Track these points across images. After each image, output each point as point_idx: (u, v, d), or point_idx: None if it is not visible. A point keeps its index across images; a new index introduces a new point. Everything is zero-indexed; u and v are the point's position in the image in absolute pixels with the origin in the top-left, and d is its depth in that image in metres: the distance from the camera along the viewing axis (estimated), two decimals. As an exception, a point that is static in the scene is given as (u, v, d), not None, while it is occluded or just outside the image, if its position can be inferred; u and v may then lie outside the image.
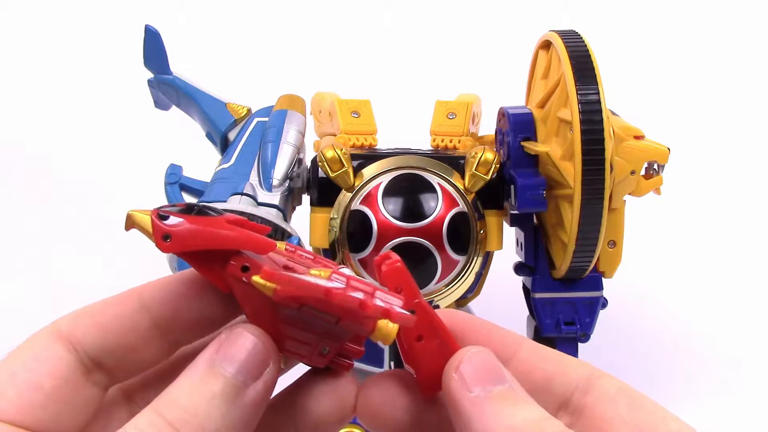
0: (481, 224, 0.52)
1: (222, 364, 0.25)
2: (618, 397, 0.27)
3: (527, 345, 0.29)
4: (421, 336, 0.28)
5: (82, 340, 0.26)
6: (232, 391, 0.25)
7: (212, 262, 0.26)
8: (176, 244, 0.26)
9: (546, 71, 0.55)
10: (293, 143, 0.56)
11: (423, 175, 0.52)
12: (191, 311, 0.28)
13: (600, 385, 0.27)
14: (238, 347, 0.26)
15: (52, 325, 0.27)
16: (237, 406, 0.25)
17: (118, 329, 0.27)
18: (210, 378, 0.25)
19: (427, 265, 0.50)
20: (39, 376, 0.25)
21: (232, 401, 0.25)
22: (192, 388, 0.25)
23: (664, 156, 0.52)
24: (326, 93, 0.62)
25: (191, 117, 0.64)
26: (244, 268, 0.26)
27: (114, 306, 0.27)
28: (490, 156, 0.51)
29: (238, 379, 0.25)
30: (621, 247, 0.54)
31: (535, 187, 0.51)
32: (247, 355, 0.25)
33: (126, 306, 0.27)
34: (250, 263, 0.26)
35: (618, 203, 0.53)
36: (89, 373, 0.27)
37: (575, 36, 0.51)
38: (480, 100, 0.61)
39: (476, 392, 0.25)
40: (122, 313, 0.27)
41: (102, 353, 0.27)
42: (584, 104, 0.47)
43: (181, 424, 0.24)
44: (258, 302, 0.26)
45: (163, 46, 0.61)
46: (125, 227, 0.26)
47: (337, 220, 0.52)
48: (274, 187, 0.53)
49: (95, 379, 0.27)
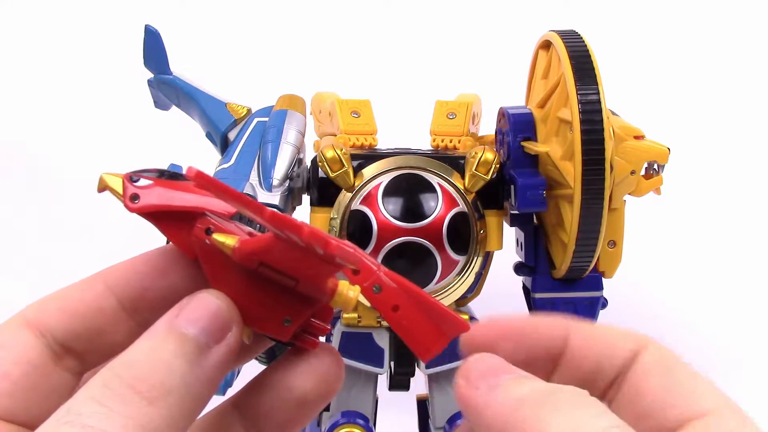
0: (481, 224, 0.52)
1: (184, 325, 0.25)
2: (653, 369, 0.26)
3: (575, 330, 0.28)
4: (396, 306, 0.28)
5: (50, 326, 0.26)
6: (194, 351, 0.24)
7: (180, 226, 0.27)
8: (142, 204, 0.26)
9: (546, 71, 0.55)
10: (293, 143, 0.56)
11: (423, 175, 0.52)
12: (158, 290, 0.28)
13: (640, 358, 0.27)
14: (200, 310, 0.25)
15: (19, 313, 0.27)
16: (199, 366, 0.24)
17: (84, 313, 0.27)
18: (170, 338, 0.24)
19: (427, 265, 0.50)
20: (5, 364, 0.25)
21: (194, 361, 0.24)
22: (151, 348, 0.24)
23: (664, 156, 0.52)
24: (326, 93, 0.62)
25: (191, 117, 0.64)
26: (208, 231, 0.26)
27: (79, 290, 0.27)
28: (490, 156, 0.51)
29: (200, 340, 0.25)
30: (621, 247, 0.54)
31: (535, 187, 0.51)
32: (210, 317, 0.25)
33: (91, 289, 0.27)
34: (214, 226, 0.26)
35: (618, 203, 0.53)
36: (59, 359, 0.26)
37: (575, 36, 0.51)
38: (480, 100, 0.61)
39: (483, 387, 0.25)
40: (87, 296, 0.27)
41: (70, 338, 0.26)
42: (584, 104, 0.47)
43: (138, 381, 0.23)
44: (221, 267, 0.26)
45: (163, 46, 0.61)
46: (97, 189, 0.27)
47: (337, 220, 0.52)
48: (274, 187, 0.53)
49: (66, 365, 0.27)
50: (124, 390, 0.23)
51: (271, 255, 0.25)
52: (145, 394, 0.23)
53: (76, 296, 0.27)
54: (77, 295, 0.27)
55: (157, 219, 0.27)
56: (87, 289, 0.27)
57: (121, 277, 0.27)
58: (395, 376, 0.55)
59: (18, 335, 0.26)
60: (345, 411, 0.54)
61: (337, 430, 0.52)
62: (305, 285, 0.26)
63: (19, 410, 0.25)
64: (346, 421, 0.53)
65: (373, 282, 0.27)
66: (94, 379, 0.23)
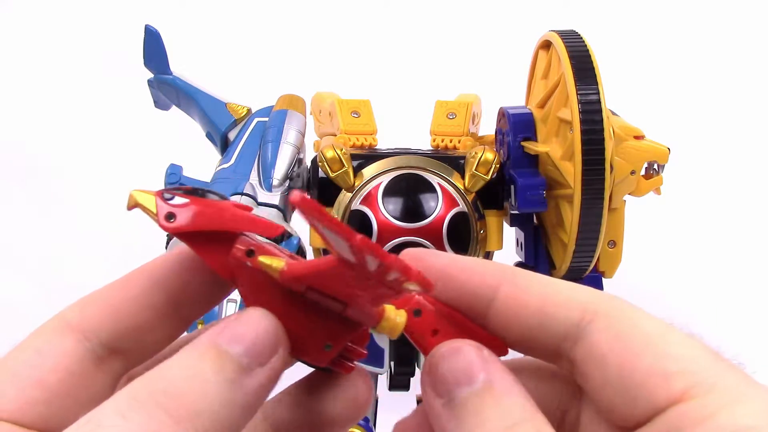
0: (481, 224, 0.52)
1: (227, 343, 0.23)
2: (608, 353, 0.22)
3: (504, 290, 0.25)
4: (436, 330, 0.26)
5: (96, 328, 0.25)
6: (235, 372, 0.22)
7: (215, 247, 0.25)
8: (181, 223, 0.24)
9: (546, 71, 0.55)
10: (293, 143, 0.56)
11: (423, 175, 0.52)
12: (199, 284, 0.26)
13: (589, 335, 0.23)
14: (246, 328, 0.23)
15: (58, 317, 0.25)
16: (238, 389, 0.22)
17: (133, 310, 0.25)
18: (211, 356, 0.22)
19: (427, 265, 0.50)
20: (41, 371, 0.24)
21: (234, 382, 0.22)
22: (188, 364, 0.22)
23: (664, 156, 0.52)
24: (326, 93, 0.62)
25: (191, 117, 0.64)
26: (250, 252, 0.25)
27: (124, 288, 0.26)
28: (490, 156, 0.51)
29: (243, 361, 0.23)
30: (621, 247, 0.54)
31: (535, 187, 0.51)
32: (256, 337, 0.23)
33: (137, 285, 0.26)
34: (256, 247, 0.25)
35: (618, 203, 0.53)
36: (101, 362, 0.25)
37: (575, 36, 0.51)
38: (480, 100, 0.61)
39: (446, 398, 0.23)
40: (135, 293, 0.26)
41: (117, 338, 0.25)
42: (584, 104, 0.47)
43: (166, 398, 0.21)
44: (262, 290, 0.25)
45: (163, 46, 0.61)
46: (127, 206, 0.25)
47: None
48: (274, 187, 0.53)
49: (107, 368, 0.26)
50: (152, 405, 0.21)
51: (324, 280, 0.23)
52: (172, 412, 0.21)
53: (122, 294, 0.26)
54: (122, 293, 0.26)
55: (190, 238, 0.25)
56: (131, 286, 0.26)
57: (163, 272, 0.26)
58: (395, 376, 0.55)
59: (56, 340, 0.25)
60: (345, 411, 0.54)
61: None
62: (354, 309, 0.25)
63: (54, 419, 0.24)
64: (346, 421, 0.53)
65: (413, 306, 0.26)
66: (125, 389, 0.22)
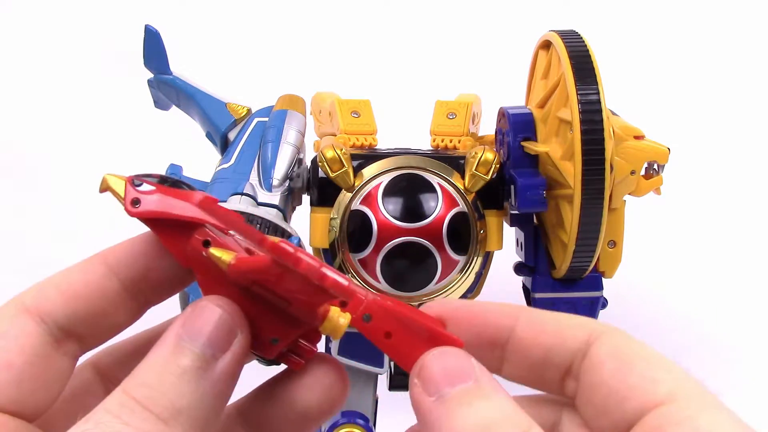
0: (481, 224, 0.52)
1: (188, 339, 0.25)
2: (607, 362, 0.25)
3: (524, 318, 0.27)
4: (388, 332, 0.27)
5: (51, 311, 0.26)
6: (201, 365, 0.24)
7: (177, 235, 0.26)
8: (144, 209, 0.26)
9: (546, 71, 0.55)
10: (293, 143, 0.56)
11: (423, 175, 0.52)
12: (159, 270, 0.27)
13: (593, 350, 0.26)
14: (203, 320, 0.25)
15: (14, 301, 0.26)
16: (207, 380, 0.24)
17: (87, 296, 0.26)
18: (177, 354, 0.24)
19: (427, 265, 0.50)
20: (9, 353, 0.25)
21: (202, 375, 0.24)
22: (160, 366, 0.24)
23: (664, 156, 0.52)
24: (326, 93, 0.62)
25: (191, 117, 0.64)
26: (206, 243, 0.26)
27: (80, 273, 0.27)
28: (490, 156, 0.51)
29: (206, 353, 0.25)
30: (621, 247, 0.54)
31: (535, 187, 0.51)
32: (213, 327, 0.25)
33: (93, 272, 0.27)
34: (212, 239, 0.26)
35: (618, 203, 0.53)
36: (59, 344, 0.26)
37: (575, 36, 0.51)
38: (480, 100, 0.61)
39: (436, 396, 0.24)
40: (90, 279, 0.27)
41: (72, 322, 0.26)
42: (584, 104, 0.47)
43: (151, 402, 0.23)
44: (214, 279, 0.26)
45: (163, 46, 0.61)
46: (99, 189, 0.27)
47: (337, 220, 0.52)
48: (274, 187, 0.53)
49: (64, 350, 0.26)
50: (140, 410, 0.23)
51: (265, 277, 0.25)
52: (159, 415, 0.23)
53: (77, 278, 0.27)
54: (78, 278, 0.27)
55: (154, 225, 0.27)
56: (88, 271, 0.27)
57: (122, 259, 0.27)
58: (395, 376, 0.55)
59: (18, 322, 0.26)
60: (345, 411, 0.54)
61: (337, 430, 0.52)
62: (297, 308, 0.26)
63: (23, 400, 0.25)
64: (346, 421, 0.53)
65: (363, 311, 0.27)
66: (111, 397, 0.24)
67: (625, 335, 0.26)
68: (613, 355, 0.25)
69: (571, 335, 0.26)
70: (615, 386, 0.24)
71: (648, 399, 0.23)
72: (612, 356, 0.25)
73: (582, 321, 0.27)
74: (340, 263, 0.52)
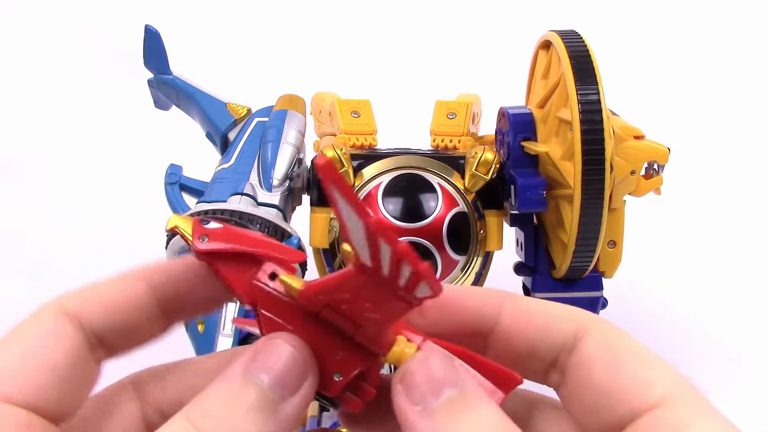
0: (481, 224, 0.52)
1: (258, 375, 0.24)
2: (597, 360, 0.24)
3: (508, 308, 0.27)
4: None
5: (90, 320, 0.26)
6: (268, 405, 0.24)
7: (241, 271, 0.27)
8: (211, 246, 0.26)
9: (546, 71, 0.55)
10: (293, 143, 0.56)
11: (423, 175, 0.52)
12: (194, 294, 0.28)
13: (583, 345, 0.25)
14: (275, 357, 0.24)
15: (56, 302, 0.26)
16: (272, 421, 0.24)
17: (126, 309, 0.27)
18: (245, 389, 0.24)
19: (427, 265, 0.50)
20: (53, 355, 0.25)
21: (268, 416, 0.24)
22: (227, 399, 0.24)
23: (664, 156, 0.52)
24: (326, 93, 0.62)
25: (191, 117, 0.64)
26: (272, 276, 0.26)
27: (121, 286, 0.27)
28: (490, 156, 0.51)
29: (275, 392, 0.24)
30: (621, 247, 0.54)
31: (535, 187, 0.51)
32: (284, 366, 0.24)
33: (133, 287, 0.27)
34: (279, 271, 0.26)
35: (618, 203, 0.53)
36: (92, 350, 0.26)
37: (575, 36, 0.51)
38: (480, 100, 0.61)
39: (421, 406, 0.24)
40: (131, 294, 0.27)
41: (107, 332, 0.26)
42: (584, 104, 0.47)
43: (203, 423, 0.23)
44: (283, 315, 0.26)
45: (163, 46, 0.61)
46: (166, 228, 0.28)
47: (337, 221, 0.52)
48: (274, 187, 0.53)
49: (95, 356, 0.27)
50: None
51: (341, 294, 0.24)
52: None
53: (118, 292, 0.27)
54: (119, 292, 0.27)
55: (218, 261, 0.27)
56: (130, 286, 0.27)
57: (162, 280, 0.27)
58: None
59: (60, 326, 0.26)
60: (345, 411, 0.54)
61: (338, 430, 0.52)
62: (366, 333, 0.26)
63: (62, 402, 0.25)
64: (346, 421, 0.53)
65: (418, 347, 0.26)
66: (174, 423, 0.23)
67: (615, 330, 0.25)
68: (604, 352, 0.24)
69: (558, 329, 0.26)
70: (606, 387, 0.24)
71: (641, 401, 0.23)
72: (602, 354, 0.24)
73: (570, 313, 0.26)
74: (341, 263, 0.52)
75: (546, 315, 0.26)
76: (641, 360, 0.24)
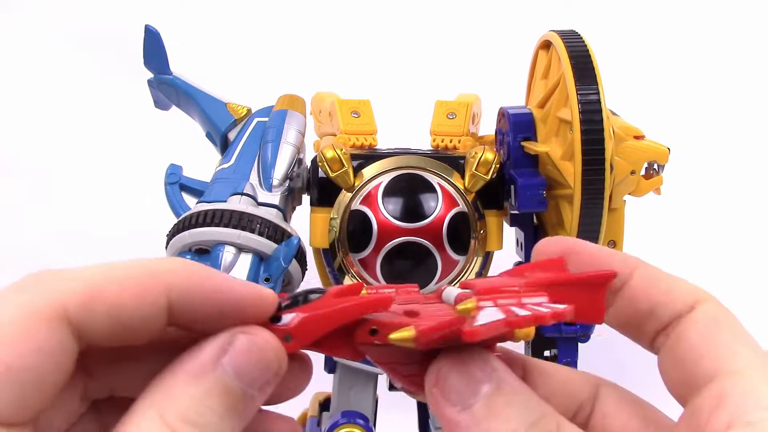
0: (481, 224, 0.52)
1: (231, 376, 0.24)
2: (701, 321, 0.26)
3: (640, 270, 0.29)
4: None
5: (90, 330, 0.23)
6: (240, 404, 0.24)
7: (340, 339, 0.26)
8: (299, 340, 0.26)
9: (546, 71, 0.55)
10: (293, 143, 0.56)
11: (423, 175, 0.52)
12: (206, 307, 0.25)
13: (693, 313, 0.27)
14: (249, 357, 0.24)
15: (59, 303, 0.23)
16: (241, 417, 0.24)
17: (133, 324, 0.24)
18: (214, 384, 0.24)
19: (427, 265, 0.50)
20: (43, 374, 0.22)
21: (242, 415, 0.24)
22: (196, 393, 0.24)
23: (664, 156, 0.52)
24: (326, 93, 0.62)
25: (191, 117, 0.64)
26: (373, 332, 0.26)
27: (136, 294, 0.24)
28: (490, 156, 0.51)
29: (247, 392, 0.24)
30: (621, 247, 0.54)
31: (535, 187, 0.51)
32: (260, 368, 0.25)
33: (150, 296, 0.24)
34: (376, 324, 0.26)
35: (618, 203, 0.53)
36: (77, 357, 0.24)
37: (575, 36, 0.51)
38: (480, 100, 0.61)
39: (460, 406, 0.25)
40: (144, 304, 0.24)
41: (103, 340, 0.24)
42: (584, 104, 0.47)
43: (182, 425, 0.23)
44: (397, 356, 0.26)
45: (163, 46, 0.61)
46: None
47: (337, 220, 0.52)
48: (274, 187, 0.53)
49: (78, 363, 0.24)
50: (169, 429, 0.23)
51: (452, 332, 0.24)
52: None
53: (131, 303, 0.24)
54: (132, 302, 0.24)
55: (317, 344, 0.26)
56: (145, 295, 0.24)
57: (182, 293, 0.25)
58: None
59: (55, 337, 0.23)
60: (345, 411, 0.54)
61: (337, 430, 0.52)
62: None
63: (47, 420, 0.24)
64: (347, 421, 0.53)
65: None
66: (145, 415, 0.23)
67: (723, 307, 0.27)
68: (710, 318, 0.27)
69: (679, 296, 0.28)
70: (698, 344, 0.26)
71: (723, 365, 0.25)
72: (708, 319, 0.26)
73: (693, 287, 0.28)
74: (341, 263, 0.52)
75: (671, 284, 0.28)
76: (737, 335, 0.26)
